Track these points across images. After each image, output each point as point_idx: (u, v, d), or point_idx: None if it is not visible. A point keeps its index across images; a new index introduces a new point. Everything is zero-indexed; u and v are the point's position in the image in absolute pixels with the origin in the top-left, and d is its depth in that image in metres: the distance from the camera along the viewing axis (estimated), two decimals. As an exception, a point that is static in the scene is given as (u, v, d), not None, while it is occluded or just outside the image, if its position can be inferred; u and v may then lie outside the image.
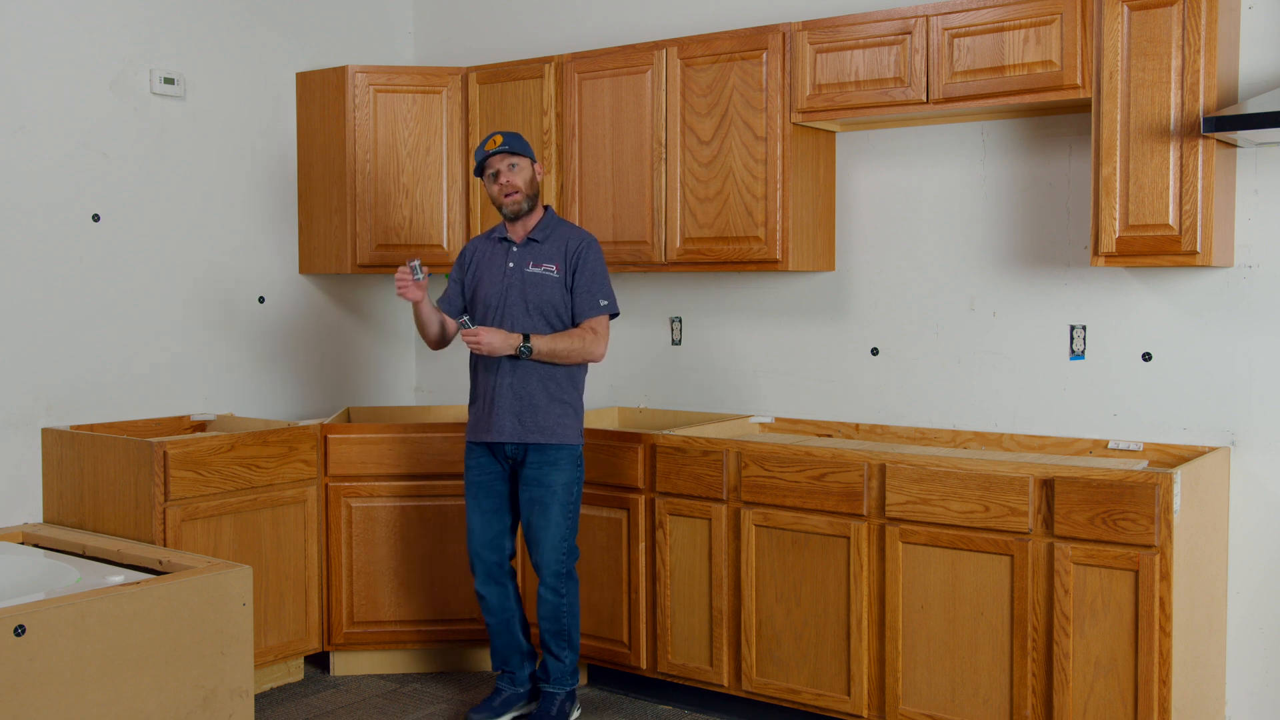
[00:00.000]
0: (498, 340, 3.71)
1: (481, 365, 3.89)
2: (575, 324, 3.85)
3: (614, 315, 3.90)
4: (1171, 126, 3.37)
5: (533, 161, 3.88)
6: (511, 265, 3.86)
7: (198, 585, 3.26)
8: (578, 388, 3.91)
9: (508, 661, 4.06)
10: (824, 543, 3.77)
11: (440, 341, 4.04)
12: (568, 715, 3.97)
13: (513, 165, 3.83)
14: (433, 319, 3.97)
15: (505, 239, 3.92)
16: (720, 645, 3.99)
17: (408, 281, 3.80)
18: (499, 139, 3.83)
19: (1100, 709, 3.33)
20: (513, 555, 4.03)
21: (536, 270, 3.84)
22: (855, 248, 4.29)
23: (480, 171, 3.89)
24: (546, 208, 3.96)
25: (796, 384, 4.43)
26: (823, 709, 3.81)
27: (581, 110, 4.49)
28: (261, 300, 4.85)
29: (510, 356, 3.79)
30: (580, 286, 3.84)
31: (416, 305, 3.90)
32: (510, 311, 3.83)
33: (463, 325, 3.76)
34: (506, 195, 3.83)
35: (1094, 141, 3.49)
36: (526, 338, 3.74)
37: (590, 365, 4.84)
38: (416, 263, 3.80)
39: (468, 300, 3.98)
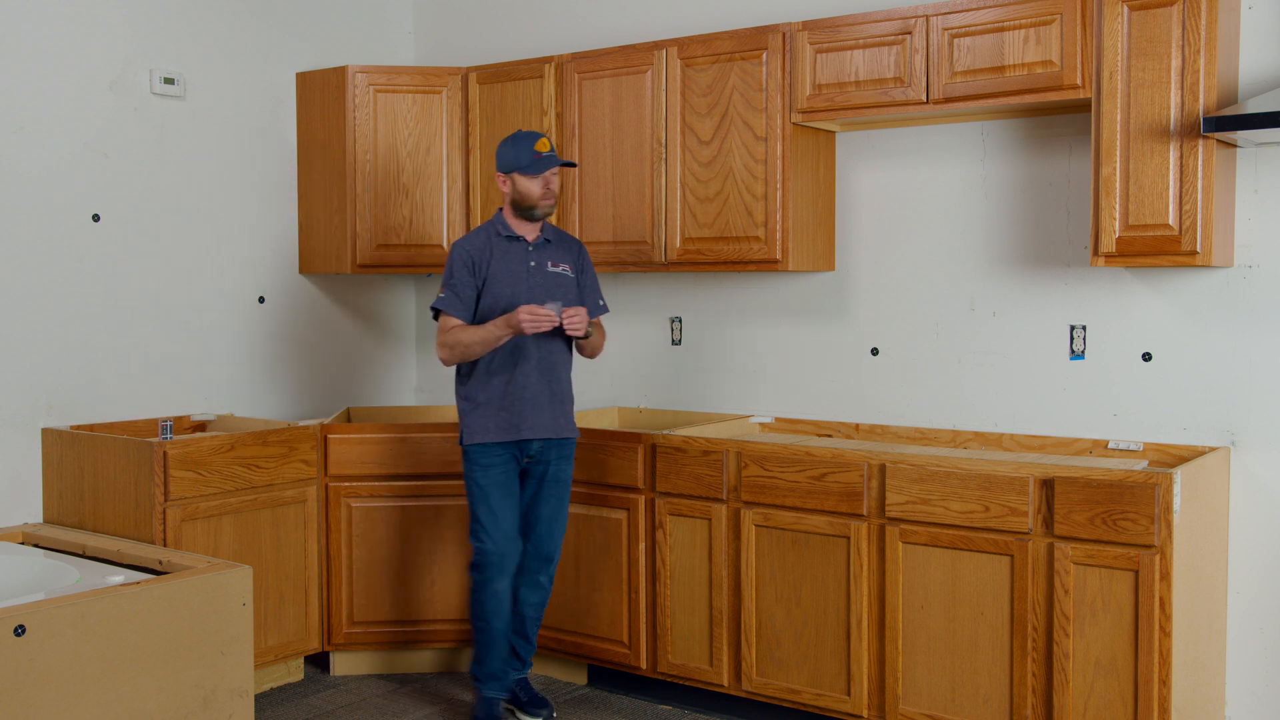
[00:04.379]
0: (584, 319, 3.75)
1: (496, 365, 3.82)
2: None
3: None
4: (1171, 126, 3.37)
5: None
6: (533, 264, 3.86)
7: (198, 585, 3.26)
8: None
9: (507, 663, 4.03)
10: (824, 543, 3.77)
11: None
12: None
13: (555, 174, 3.87)
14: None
15: (515, 236, 3.89)
16: (720, 645, 3.99)
17: (547, 320, 3.65)
18: (547, 145, 3.83)
19: (1100, 709, 3.33)
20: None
21: (556, 270, 3.90)
22: (855, 248, 4.29)
23: (529, 168, 3.80)
24: None
25: (796, 384, 4.43)
26: (823, 709, 3.80)
27: (581, 110, 4.49)
28: (261, 300, 4.85)
29: (542, 354, 3.82)
30: (587, 288, 3.99)
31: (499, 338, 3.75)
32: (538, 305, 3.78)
33: (557, 308, 3.65)
34: (546, 200, 3.84)
35: (1094, 141, 3.49)
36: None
37: (594, 366, 4.98)
38: (558, 305, 3.68)
39: (477, 300, 3.87)
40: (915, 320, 4.17)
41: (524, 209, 3.86)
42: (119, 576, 3.36)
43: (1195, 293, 3.68)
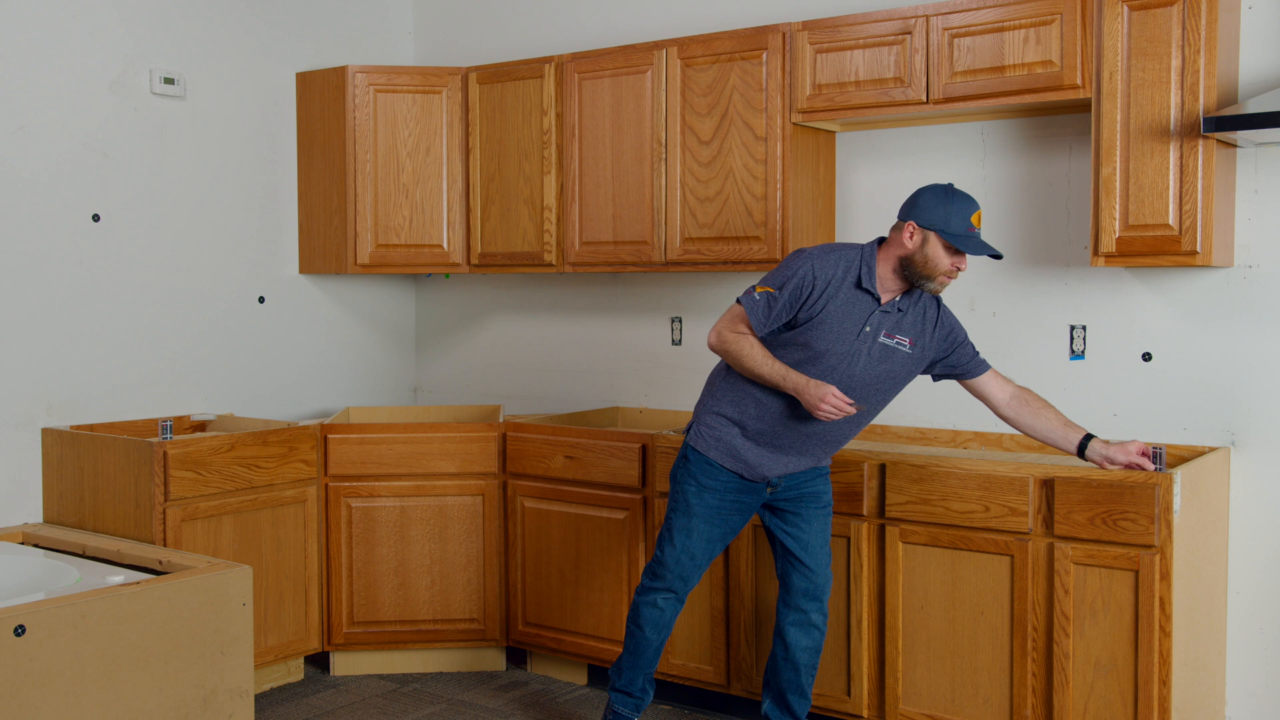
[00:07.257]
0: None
1: (768, 397, 3.35)
2: (969, 379, 3.46)
3: None
4: (1171, 126, 3.37)
5: None
6: (869, 329, 3.28)
7: (198, 585, 3.26)
8: None
9: (649, 682, 3.70)
10: (824, 543, 3.77)
11: None
12: None
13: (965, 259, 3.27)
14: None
15: (870, 291, 3.27)
16: (720, 645, 3.99)
17: (843, 415, 3.22)
18: (980, 220, 3.24)
19: (1100, 709, 3.33)
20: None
21: (888, 342, 3.30)
22: (855, 248, 4.28)
23: (958, 240, 3.17)
24: None
25: (796, 384, 4.43)
26: (823, 709, 3.80)
27: (581, 110, 4.49)
28: (261, 300, 4.85)
29: (824, 425, 3.34)
30: (966, 351, 3.43)
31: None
32: (855, 382, 3.31)
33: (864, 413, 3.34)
34: (947, 279, 3.25)
35: (1094, 141, 3.49)
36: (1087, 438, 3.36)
37: (594, 366, 4.93)
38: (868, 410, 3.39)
39: (787, 327, 3.32)
40: (915, 320, 4.17)
41: (916, 273, 3.23)
42: (119, 576, 3.36)
43: (1195, 293, 3.68)
